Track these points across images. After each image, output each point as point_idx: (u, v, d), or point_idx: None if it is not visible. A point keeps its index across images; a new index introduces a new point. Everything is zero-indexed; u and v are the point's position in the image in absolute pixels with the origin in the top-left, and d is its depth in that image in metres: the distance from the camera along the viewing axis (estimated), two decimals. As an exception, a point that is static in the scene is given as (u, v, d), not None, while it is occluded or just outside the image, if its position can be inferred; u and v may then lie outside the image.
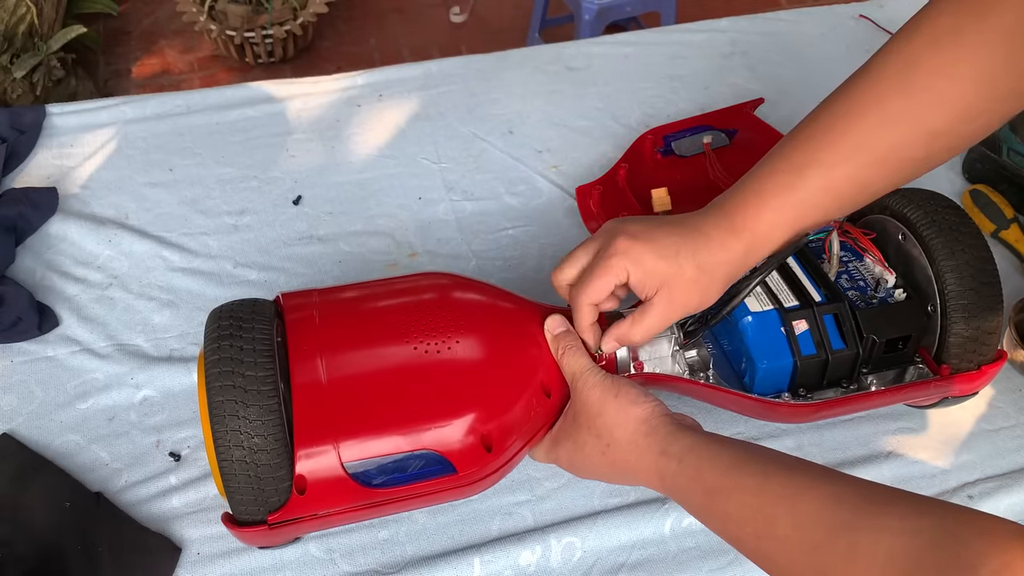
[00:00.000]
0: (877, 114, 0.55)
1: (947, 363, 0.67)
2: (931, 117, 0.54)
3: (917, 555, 0.39)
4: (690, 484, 0.53)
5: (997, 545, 0.37)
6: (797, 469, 0.50)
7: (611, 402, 0.58)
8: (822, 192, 0.57)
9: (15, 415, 0.75)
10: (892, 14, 1.15)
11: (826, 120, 0.57)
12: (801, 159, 0.57)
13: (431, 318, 0.61)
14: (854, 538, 0.43)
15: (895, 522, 0.42)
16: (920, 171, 0.57)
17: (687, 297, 0.59)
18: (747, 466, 0.51)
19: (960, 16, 0.52)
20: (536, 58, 1.09)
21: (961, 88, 0.53)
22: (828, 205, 0.58)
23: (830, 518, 0.45)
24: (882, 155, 0.55)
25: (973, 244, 0.66)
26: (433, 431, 0.58)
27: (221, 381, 0.55)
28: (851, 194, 0.58)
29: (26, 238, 0.87)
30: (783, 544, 0.47)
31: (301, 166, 0.96)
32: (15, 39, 1.77)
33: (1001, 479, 0.73)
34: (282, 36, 2.03)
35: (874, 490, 0.46)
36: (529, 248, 0.89)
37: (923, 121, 0.54)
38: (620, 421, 0.57)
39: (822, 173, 0.56)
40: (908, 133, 0.54)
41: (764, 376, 0.65)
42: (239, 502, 0.57)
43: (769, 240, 0.59)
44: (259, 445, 0.55)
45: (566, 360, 0.61)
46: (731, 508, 0.50)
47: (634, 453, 0.56)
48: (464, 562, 0.67)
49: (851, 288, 0.69)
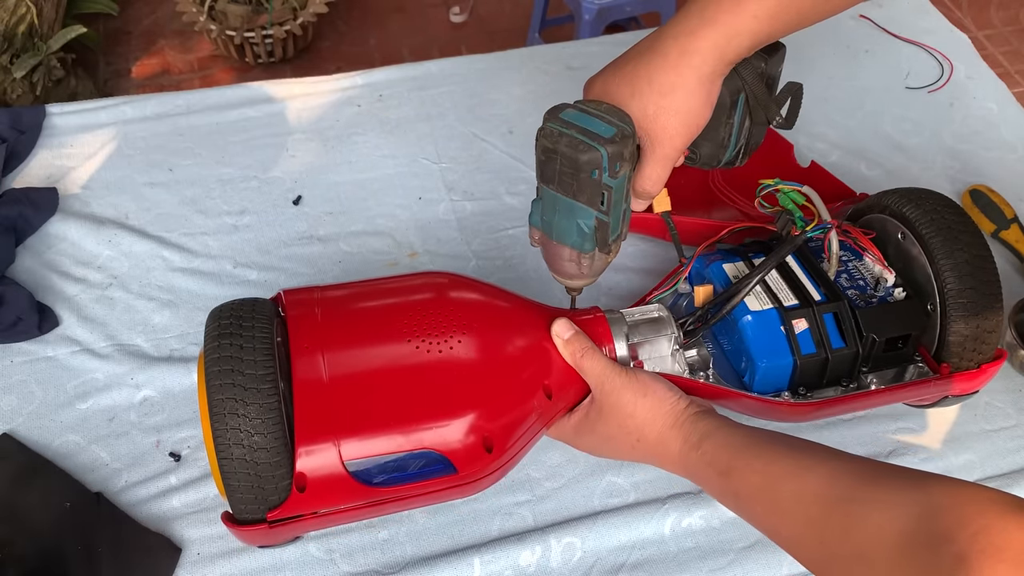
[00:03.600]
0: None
1: (947, 362, 0.67)
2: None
3: (905, 525, 0.42)
4: (707, 469, 0.56)
5: (977, 512, 0.39)
6: (801, 449, 0.54)
7: (641, 403, 0.60)
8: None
9: (15, 415, 0.75)
10: (892, 14, 1.15)
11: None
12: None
13: (433, 317, 0.61)
14: (849, 510, 0.46)
15: (887, 495, 0.45)
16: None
17: (668, 129, 0.57)
18: (755, 448, 0.54)
19: None
20: (536, 58, 1.09)
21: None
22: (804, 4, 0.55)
23: (828, 493, 0.48)
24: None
25: (972, 243, 0.66)
26: (434, 431, 0.58)
27: (221, 380, 0.56)
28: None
29: (26, 238, 0.87)
30: (787, 518, 0.50)
31: (301, 166, 0.96)
32: (15, 39, 1.77)
33: (1001, 479, 0.73)
34: (282, 36, 2.03)
35: (871, 467, 0.49)
36: (529, 248, 0.89)
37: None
38: (650, 419, 0.60)
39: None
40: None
41: (764, 375, 0.65)
42: (239, 500, 0.57)
43: (745, 33, 0.55)
44: (259, 443, 0.55)
45: (586, 364, 0.62)
46: (742, 487, 0.54)
47: (662, 446, 0.60)
48: (464, 562, 0.67)
49: (850, 287, 0.69)
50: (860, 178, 0.96)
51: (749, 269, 0.69)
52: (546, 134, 0.56)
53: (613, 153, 0.55)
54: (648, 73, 0.56)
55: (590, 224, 0.58)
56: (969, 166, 0.99)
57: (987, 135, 1.02)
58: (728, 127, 0.61)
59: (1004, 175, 0.97)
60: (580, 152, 0.55)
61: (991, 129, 1.03)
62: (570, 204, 0.58)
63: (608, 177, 0.56)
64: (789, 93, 0.63)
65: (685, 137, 0.57)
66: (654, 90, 0.56)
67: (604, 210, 0.57)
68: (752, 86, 0.60)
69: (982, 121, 1.04)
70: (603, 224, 0.58)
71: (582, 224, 0.58)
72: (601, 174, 0.55)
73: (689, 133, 0.58)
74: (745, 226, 0.75)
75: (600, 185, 0.56)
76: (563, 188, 0.57)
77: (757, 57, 0.60)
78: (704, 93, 0.56)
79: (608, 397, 0.61)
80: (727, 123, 0.61)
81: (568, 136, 0.55)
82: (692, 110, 0.56)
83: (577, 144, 0.55)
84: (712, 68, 0.56)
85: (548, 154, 0.57)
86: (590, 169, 0.55)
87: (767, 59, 0.60)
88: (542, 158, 0.57)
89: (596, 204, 0.57)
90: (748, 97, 0.61)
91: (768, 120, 0.62)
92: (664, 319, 0.67)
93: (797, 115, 0.63)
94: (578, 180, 0.56)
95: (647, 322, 0.66)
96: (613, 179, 0.56)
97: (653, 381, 0.61)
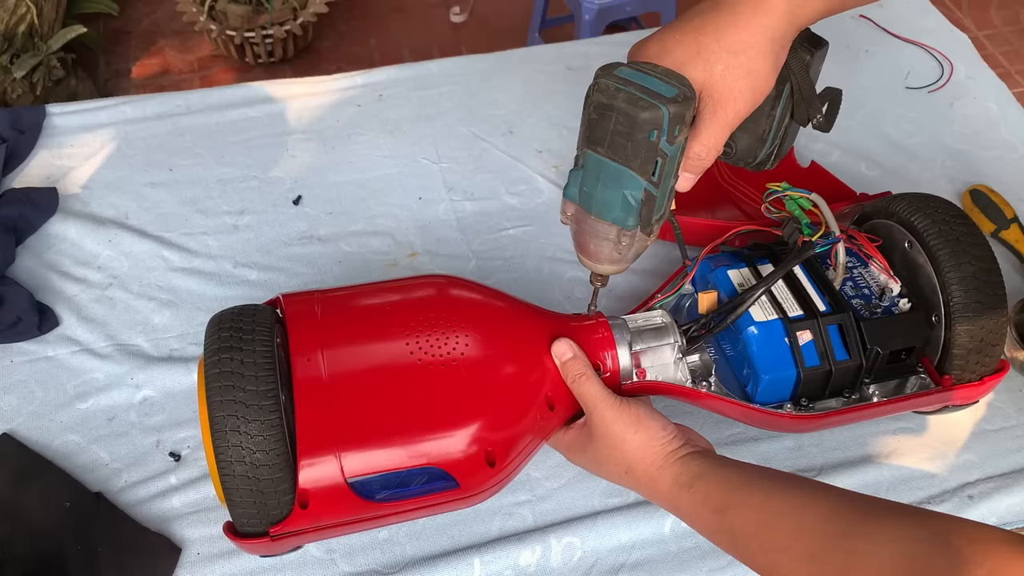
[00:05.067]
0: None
1: (949, 373, 0.67)
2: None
3: (910, 562, 0.41)
4: (700, 508, 0.55)
5: (986, 552, 0.39)
6: (798, 486, 0.52)
7: (631, 437, 0.59)
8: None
9: (15, 415, 0.75)
10: (892, 14, 1.15)
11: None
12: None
13: (436, 328, 0.60)
14: (851, 546, 0.45)
15: (889, 532, 0.44)
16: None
17: (733, 90, 0.53)
18: (752, 485, 0.53)
19: None
20: (536, 58, 1.09)
21: None
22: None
23: (828, 529, 0.47)
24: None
25: (980, 256, 0.66)
26: (436, 444, 0.57)
27: (222, 396, 0.55)
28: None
29: (26, 238, 0.87)
30: (786, 555, 0.49)
31: (301, 166, 0.96)
32: (15, 39, 1.77)
33: (1001, 479, 0.73)
34: (282, 36, 2.03)
35: (870, 502, 0.48)
36: (529, 248, 0.89)
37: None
38: (639, 456, 0.59)
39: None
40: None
41: (767, 387, 0.65)
42: (241, 515, 0.56)
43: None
44: (261, 460, 0.54)
45: (581, 389, 0.61)
46: (738, 524, 0.52)
47: (649, 482, 0.59)
48: (464, 562, 0.67)
49: (856, 296, 0.68)
50: (860, 178, 0.96)
51: (754, 276, 0.69)
52: (601, 89, 0.52)
53: (675, 114, 0.51)
54: (716, 30, 0.53)
55: (637, 196, 0.54)
56: (969, 166, 0.98)
57: (987, 135, 1.02)
58: (770, 119, 0.59)
59: (1004, 175, 0.97)
60: (640, 109, 0.50)
61: (991, 129, 1.03)
62: (618, 171, 0.53)
63: (665, 142, 0.51)
64: (828, 97, 0.60)
65: (751, 102, 0.55)
66: (723, 47, 0.53)
67: (655, 180, 0.53)
68: (799, 78, 0.58)
69: (982, 121, 1.04)
70: (651, 198, 0.54)
71: (628, 195, 0.54)
72: (659, 136, 0.51)
73: (755, 99, 0.55)
74: (750, 229, 0.75)
75: (656, 150, 0.52)
76: (614, 151, 0.52)
77: (803, 49, 0.58)
78: (774, 56, 0.54)
79: (598, 427, 0.60)
80: (769, 114, 0.58)
81: (627, 92, 0.51)
82: (762, 73, 0.54)
83: (637, 100, 0.50)
84: (784, 30, 0.53)
85: (602, 111, 0.52)
86: (649, 129, 0.51)
87: (813, 52, 0.58)
88: (594, 116, 0.52)
89: (647, 173, 0.53)
90: (794, 89, 0.58)
91: (808, 118, 0.60)
92: (668, 327, 0.66)
93: (834, 120, 0.61)
94: (633, 141, 0.51)
95: (650, 330, 0.66)
96: (670, 144, 0.52)
97: (647, 417, 0.59)
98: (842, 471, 0.73)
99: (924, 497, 0.72)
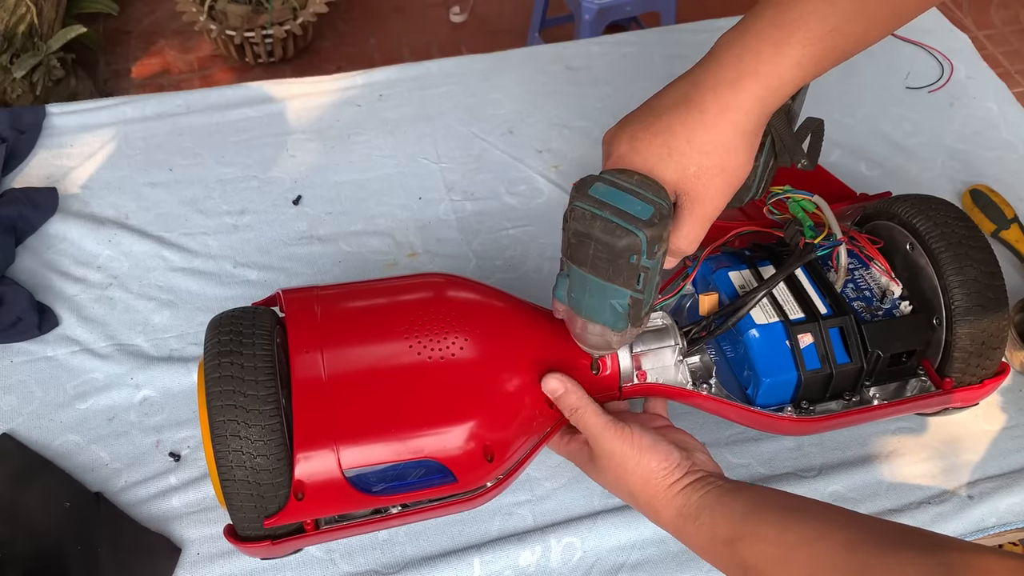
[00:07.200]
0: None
1: (950, 376, 0.67)
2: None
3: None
4: (708, 541, 0.55)
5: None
6: (812, 515, 0.52)
7: (632, 468, 0.59)
8: (856, 14, 0.51)
9: (15, 415, 0.75)
10: (892, 14, 1.15)
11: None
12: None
13: (434, 324, 0.60)
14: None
15: (907, 567, 0.44)
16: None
17: (709, 189, 0.53)
18: (762, 514, 0.53)
19: None
20: (536, 58, 1.09)
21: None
22: (858, 31, 0.52)
23: (845, 562, 0.47)
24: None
25: (982, 259, 0.65)
26: (433, 438, 0.57)
27: (222, 400, 0.55)
28: (883, 17, 0.52)
29: (26, 238, 0.87)
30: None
31: (301, 166, 0.96)
32: (15, 39, 1.77)
33: (1001, 479, 0.73)
34: (282, 36, 2.03)
35: (886, 531, 0.48)
36: (529, 248, 0.89)
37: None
38: (641, 485, 0.59)
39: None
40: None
41: (767, 390, 0.65)
42: (242, 519, 0.56)
43: (788, 83, 0.52)
44: (261, 465, 0.54)
45: (580, 423, 0.61)
46: (749, 557, 0.52)
47: (652, 511, 0.59)
48: (464, 562, 0.67)
49: (857, 298, 0.68)
50: (860, 178, 0.96)
51: (755, 278, 0.68)
52: (577, 216, 0.52)
53: (652, 236, 0.51)
54: (686, 131, 0.52)
55: (624, 303, 0.55)
56: (969, 166, 0.98)
57: (987, 135, 1.02)
58: (754, 171, 0.58)
59: (1004, 175, 0.97)
60: (617, 238, 0.51)
61: (991, 129, 1.03)
62: (603, 286, 0.54)
63: (646, 259, 0.52)
64: (809, 130, 0.60)
65: (727, 195, 0.54)
66: (694, 149, 0.52)
67: (639, 289, 0.54)
68: (779, 130, 0.57)
69: (982, 121, 1.04)
70: (637, 302, 0.55)
71: (615, 304, 0.55)
72: (640, 257, 0.52)
73: (731, 191, 0.55)
74: (752, 230, 0.75)
75: (638, 268, 0.52)
76: (596, 271, 0.54)
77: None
78: (746, 149, 0.53)
79: (602, 455, 0.60)
80: (753, 167, 0.58)
81: (603, 219, 0.51)
82: (736, 168, 0.53)
83: (613, 229, 0.51)
84: (755, 123, 0.53)
85: (581, 238, 0.52)
86: (628, 255, 0.51)
87: (793, 97, 0.57)
88: (573, 241, 0.53)
89: (632, 285, 0.54)
90: (775, 141, 0.58)
91: (792, 161, 0.59)
92: (668, 329, 0.66)
93: (819, 153, 0.60)
94: (615, 265, 0.52)
95: (651, 332, 0.66)
96: (651, 260, 0.52)
97: (649, 447, 0.59)
98: (842, 471, 0.73)
99: (924, 497, 0.72)
